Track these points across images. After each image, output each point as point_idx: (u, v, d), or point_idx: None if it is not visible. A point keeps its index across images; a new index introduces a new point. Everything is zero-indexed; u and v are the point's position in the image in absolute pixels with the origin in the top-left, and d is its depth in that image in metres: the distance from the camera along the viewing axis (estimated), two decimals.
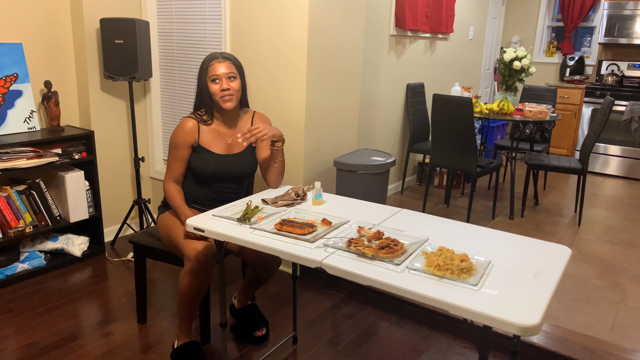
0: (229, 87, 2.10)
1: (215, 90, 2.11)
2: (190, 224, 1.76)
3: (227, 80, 2.11)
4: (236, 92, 2.13)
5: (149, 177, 3.63)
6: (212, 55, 2.14)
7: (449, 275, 1.35)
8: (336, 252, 1.51)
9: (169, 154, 2.19)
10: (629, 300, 2.76)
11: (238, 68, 2.16)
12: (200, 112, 2.20)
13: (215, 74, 2.10)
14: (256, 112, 2.30)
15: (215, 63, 2.11)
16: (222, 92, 2.10)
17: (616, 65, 5.91)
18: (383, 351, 2.30)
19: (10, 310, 2.54)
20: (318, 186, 1.99)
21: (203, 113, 2.20)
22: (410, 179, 4.80)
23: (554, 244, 1.60)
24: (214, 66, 2.11)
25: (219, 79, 2.10)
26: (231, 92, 2.11)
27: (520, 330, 1.15)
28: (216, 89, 2.11)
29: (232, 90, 2.11)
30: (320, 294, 2.79)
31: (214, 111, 2.20)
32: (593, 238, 3.67)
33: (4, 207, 2.75)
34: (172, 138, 2.17)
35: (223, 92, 2.10)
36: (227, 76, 2.11)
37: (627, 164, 5.48)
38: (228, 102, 2.12)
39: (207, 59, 2.14)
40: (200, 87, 2.16)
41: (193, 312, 2.13)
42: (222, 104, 2.12)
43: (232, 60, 2.14)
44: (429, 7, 4.33)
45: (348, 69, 3.02)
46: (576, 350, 2.21)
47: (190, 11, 3.12)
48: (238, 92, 2.15)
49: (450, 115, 3.54)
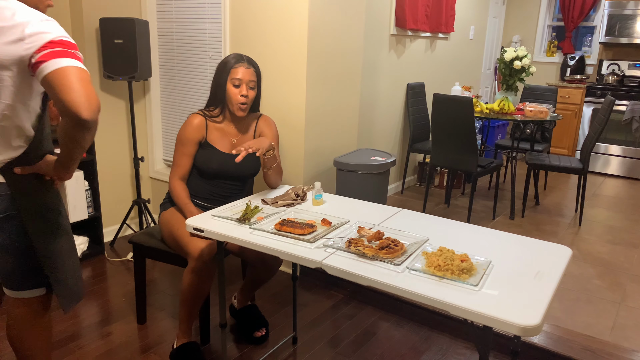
0: (247, 94, 2.11)
1: (234, 94, 2.11)
2: (190, 224, 1.76)
3: (248, 88, 2.12)
4: (250, 101, 2.16)
5: (148, 177, 3.62)
6: (239, 57, 2.13)
7: (449, 275, 1.35)
8: (336, 253, 1.51)
9: (176, 150, 2.19)
10: (629, 300, 2.76)
11: (258, 77, 2.18)
12: (210, 109, 2.21)
13: (238, 78, 2.10)
14: (262, 116, 2.30)
15: (241, 67, 2.11)
16: (240, 97, 2.11)
17: (617, 64, 5.90)
18: (383, 351, 2.30)
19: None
20: (318, 186, 1.98)
21: (212, 110, 2.21)
22: (410, 179, 4.79)
23: (554, 244, 1.59)
24: (238, 69, 2.10)
25: (240, 84, 2.11)
26: (247, 102, 2.13)
27: (520, 330, 1.15)
28: (235, 93, 2.11)
29: (249, 100, 2.14)
30: (320, 294, 2.79)
31: (226, 110, 2.21)
32: (594, 238, 3.66)
33: None
34: (180, 134, 2.17)
35: (241, 98, 2.11)
36: (248, 84, 2.12)
37: (628, 164, 5.48)
38: (242, 111, 2.14)
39: (233, 59, 2.13)
40: (218, 84, 2.16)
41: (194, 311, 2.12)
42: (235, 110, 2.14)
43: (256, 69, 2.16)
44: (429, 7, 4.32)
45: (348, 69, 3.01)
46: (577, 350, 2.21)
47: (189, 11, 3.11)
48: (251, 102, 2.17)
49: (450, 115, 3.53)
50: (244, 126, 2.26)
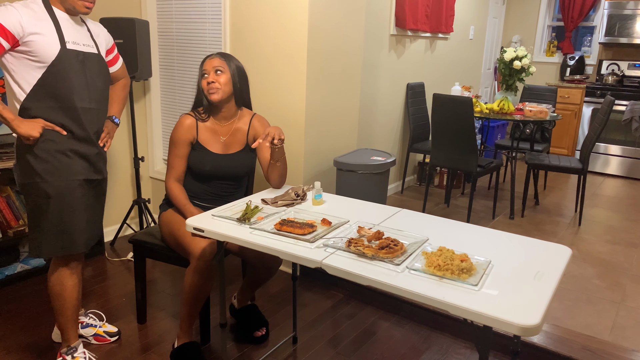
0: (214, 80, 2.11)
1: (204, 85, 2.14)
2: (190, 224, 1.76)
3: (214, 73, 2.12)
4: (222, 85, 2.13)
5: (148, 177, 3.63)
6: (208, 55, 2.18)
7: (449, 275, 1.35)
8: (336, 252, 1.51)
9: (169, 152, 2.20)
10: (629, 300, 2.76)
11: (231, 64, 2.16)
12: (199, 110, 2.22)
13: (204, 69, 2.14)
14: (255, 115, 2.30)
15: (207, 60, 2.16)
16: (208, 85, 2.11)
17: (616, 64, 5.91)
18: (383, 351, 2.30)
19: (10, 310, 2.54)
20: (318, 186, 1.98)
21: (202, 111, 2.21)
22: (410, 179, 4.80)
23: (554, 244, 1.60)
24: (205, 62, 2.15)
25: (208, 73, 2.13)
26: (217, 85, 2.11)
27: (520, 330, 1.15)
28: (204, 83, 2.13)
29: (218, 84, 2.11)
30: (320, 294, 2.79)
31: (210, 108, 2.21)
32: (593, 238, 3.66)
33: (4, 207, 2.74)
34: (172, 135, 2.19)
35: (209, 85, 2.11)
36: (214, 70, 2.13)
37: (628, 164, 5.48)
38: (213, 94, 2.12)
39: (204, 58, 2.19)
40: (198, 85, 2.19)
41: (195, 311, 2.12)
42: (208, 97, 2.14)
43: (225, 57, 2.16)
44: (429, 7, 4.32)
45: (348, 69, 3.01)
46: (576, 350, 2.21)
47: (190, 11, 3.11)
48: (226, 86, 2.14)
49: (450, 115, 3.54)
50: (234, 124, 2.25)
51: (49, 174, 1.87)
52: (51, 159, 1.87)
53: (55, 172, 1.88)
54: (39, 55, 1.79)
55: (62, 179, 1.90)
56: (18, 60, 1.79)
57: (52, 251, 1.94)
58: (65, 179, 1.90)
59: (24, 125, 1.81)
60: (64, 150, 1.90)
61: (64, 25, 1.86)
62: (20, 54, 1.78)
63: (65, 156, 1.90)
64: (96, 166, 2.01)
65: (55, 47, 1.81)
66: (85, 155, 1.96)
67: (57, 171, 1.89)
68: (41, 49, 1.78)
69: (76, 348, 2.08)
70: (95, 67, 1.97)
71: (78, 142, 1.93)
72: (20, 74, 1.80)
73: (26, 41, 1.76)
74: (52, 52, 1.80)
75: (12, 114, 1.80)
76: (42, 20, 1.80)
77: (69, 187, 1.91)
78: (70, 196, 1.92)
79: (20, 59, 1.79)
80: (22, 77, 1.81)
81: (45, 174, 1.87)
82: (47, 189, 1.88)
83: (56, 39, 1.82)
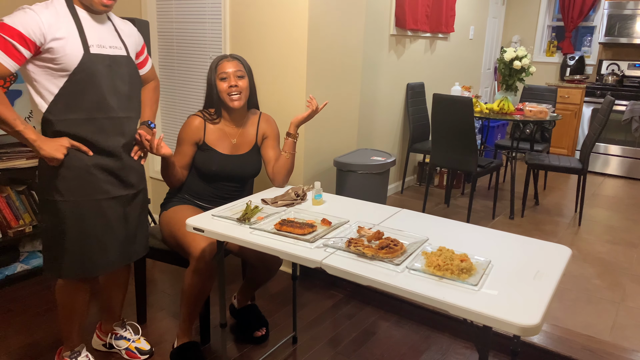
0: (236, 84, 2.12)
1: (224, 88, 2.13)
2: (190, 223, 1.76)
3: (236, 78, 2.13)
4: (244, 90, 2.15)
5: (148, 177, 3.62)
6: (222, 55, 2.18)
7: (449, 275, 1.35)
8: (336, 252, 1.51)
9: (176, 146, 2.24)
10: (629, 300, 2.76)
11: (246, 68, 2.19)
12: (210, 111, 2.22)
13: (223, 72, 2.13)
14: (262, 114, 2.31)
15: (224, 62, 2.14)
16: (230, 88, 2.12)
17: (616, 64, 5.91)
18: (383, 351, 2.30)
19: (10, 310, 2.54)
20: (318, 186, 1.99)
21: (213, 112, 2.21)
22: (410, 179, 4.80)
23: (554, 244, 1.60)
24: (222, 64, 2.14)
25: (227, 76, 2.12)
26: (239, 89, 2.13)
27: (520, 330, 1.15)
28: (224, 87, 2.12)
29: (240, 88, 2.13)
30: (320, 294, 2.79)
31: (221, 110, 2.21)
32: (593, 238, 3.66)
33: (4, 207, 2.74)
34: (179, 133, 2.21)
35: (231, 88, 2.11)
36: (235, 74, 2.13)
37: (628, 164, 5.48)
38: (236, 101, 2.13)
39: (217, 58, 2.17)
40: (210, 85, 2.18)
41: (196, 311, 2.13)
42: (229, 102, 2.14)
43: (240, 60, 2.17)
44: (429, 7, 4.33)
45: (348, 69, 3.01)
46: (576, 350, 2.21)
47: (190, 11, 3.11)
48: (246, 91, 2.16)
49: (450, 115, 3.54)
50: (244, 126, 2.26)
51: (70, 192, 1.75)
52: (73, 176, 1.74)
53: (77, 191, 1.75)
54: (62, 62, 1.65)
55: (85, 198, 1.77)
56: (41, 70, 1.66)
57: (72, 274, 1.83)
58: (88, 199, 1.77)
59: (47, 146, 1.66)
60: (88, 167, 1.76)
61: (86, 26, 1.72)
62: (43, 62, 1.65)
63: (89, 174, 1.76)
64: (126, 181, 1.88)
65: (78, 53, 1.67)
66: (113, 171, 1.82)
67: (79, 190, 1.76)
68: (63, 56, 1.64)
69: (80, 352, 2.04)
70: (124, 71, 1.82)
71: (104, 157, 1.79)
72: (42, 83, 1.67)
73: (48, 47, 1.62)
74: (75, 59, 1.66)
75: (34, 134, 1.66)
76: (64, 22, 1.66)
77: (92, 207, 1.78)
78: (94, 217, 1.79)
79: (42, 68, 1.65)
80: (45, 87, 1.67)
81: (66, 192, 1.75)
82: (67, 209, 1.75)
83: (79, 43, 1.67)
